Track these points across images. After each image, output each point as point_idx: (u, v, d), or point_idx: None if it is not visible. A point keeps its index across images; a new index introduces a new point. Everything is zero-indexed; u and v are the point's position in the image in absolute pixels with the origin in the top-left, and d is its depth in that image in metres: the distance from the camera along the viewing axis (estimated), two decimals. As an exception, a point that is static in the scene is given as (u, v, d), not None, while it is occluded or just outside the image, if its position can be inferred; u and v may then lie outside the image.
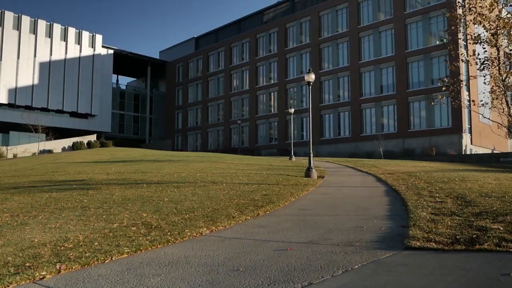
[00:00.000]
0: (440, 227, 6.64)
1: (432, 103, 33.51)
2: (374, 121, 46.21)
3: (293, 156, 34.95)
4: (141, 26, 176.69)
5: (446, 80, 13.47)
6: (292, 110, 38.74)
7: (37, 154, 47.98)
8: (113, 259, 5.58)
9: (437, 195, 10.80)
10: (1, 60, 52.28)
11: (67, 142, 53.48)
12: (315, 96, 46.87)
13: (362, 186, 15.17)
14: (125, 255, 5.74)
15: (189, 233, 7.02)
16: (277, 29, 56.71)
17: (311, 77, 19.80)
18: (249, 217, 8.70)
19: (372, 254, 5.42)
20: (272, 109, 56.12)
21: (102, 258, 5.53)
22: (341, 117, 49.14)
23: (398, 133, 43.81)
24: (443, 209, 8.44)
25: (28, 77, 54.54)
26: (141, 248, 6.07)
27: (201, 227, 7.53)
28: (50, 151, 49.70)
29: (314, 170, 18.57)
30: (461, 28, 12.42)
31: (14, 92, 53.14)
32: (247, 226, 7.83)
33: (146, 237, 6.77)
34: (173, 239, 6.61)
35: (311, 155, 19.31)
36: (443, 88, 12.77)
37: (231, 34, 64.31)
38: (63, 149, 52.23)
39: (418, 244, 5.71)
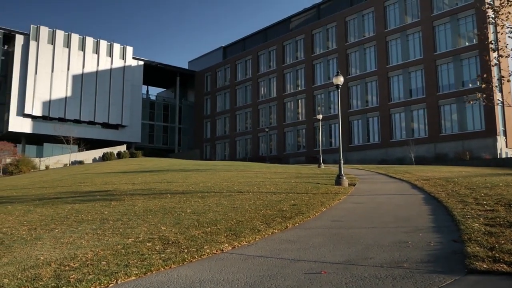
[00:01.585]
0: (503, 241, 5.63)
1: (471, 102, 31.86)
2: (404, 126, 44.67)
3: (322, 164, 33.97)
4: (170, 37, 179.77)
5: (486, 75, 12.44)
6: (320, 117, 37.75)
7: (68, 165, 48.69)
8: (118, 282, 4.90)
9: (484, 202, 9.72)
10: (36, 74, 53.66)
11: (98, 153, 54.13)
12: (343, 102, 45.73)
13: (397, 193, 14.11)
14: (133, 278, 5.04)
15: (208, 250, 6.27)
16: (303, 36, 56.02)
17: (340, 79, 18.91)
18: (276, 231, 7.88)
19: (429, 281, 4.47)
20: (300, 116, 55.21)
21: (106, 281, 4.86)
22: (370, 122, 47.76)
23: (429, 137, 42.11)
24: (498, 219, 7.40)
25: (61, 89, 55.72)
26: (152, 268, 5.37)
27: (223, 243, 6.76)
28: (81, 162, 50.37)
29: (344, 178, 17.59)
30: (499, 21, 11.46)
31: (48, 104, 54.34)
32: (273, 242, 7.00)
33: (160, 254, 6.07)
34: (189, 258, 5.87)
35: (341, 161, 18.30)
36: (483, 85, 11.76)
37: (258, 42, 64.01)
38: (94, 160, 52.89)
39: (484, 266, 4.70)
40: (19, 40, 53.77)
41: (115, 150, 55.15)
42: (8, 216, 12.57)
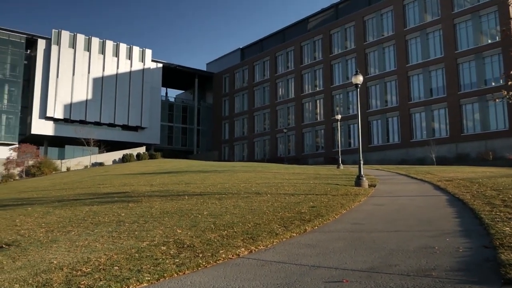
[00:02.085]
0: (539, 248, 5.24)
1: (497, 100, 30.88)
2: (425, 125, 43.73)
3: (341, 164, 33.49)
4: (189, 39, 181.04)
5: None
6: (339, 117, 37.23)
7: (89, 167, 49.30)
8: (129, 289, 4.71)
9: (513, 204, 9.22)
10: (58, 77, 54.56)
11: (118, 154, 54.67)
12: (362, 102, 44.85)
13: (420, 195, 13.66)
14: (145, 284, 4.85)
15: (224, 255, 6.03)
16: (321, 36, 55.50)
17: (359, 78, 18.45)
18: (295, 234, 7.59)
19: (462, 293, 4.08)
20: (318, 117, 54.68)
21: (117, 288, 4.68)
22: (390, 122, 46.93)
23: (450, 137, 41.11)
24: (530, 223, 6.95)
25: (82, 92, 56.54)
26: (165, 274, 5.16)
27: (239, 247, 6.52)
28: (101, 164, 50.94)
29: (364, 179, 17.14)
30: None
31: (69, 107, 55.18)
32: (292, 246, 6.72)
33: (174, 259, 5.87)
34: (204, 263, 5.65)
35: (361, 162, 17.83)
36: (509, 83, 11.25)
37: (275, 43, 63.73)
38: (114, 162, 53.42)
39: (524, 276, 4.27)
40: (41, 44, 54.77)
41: (134, 151, 55.64)
42: (28, 218, 12.65)
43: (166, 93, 77.70)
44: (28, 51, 56.43)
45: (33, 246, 7.81)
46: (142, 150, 57.07)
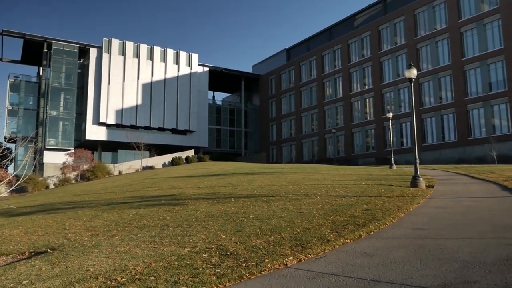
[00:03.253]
0: None
1: None
2: (484, 122, 40.91)
3: (394, 165, 31.96)
4: (234, 42, 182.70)
5: None
6: (391, 115, 35.61)
7: (140, 170, 50.46)
8: (163, 304, 4.23)
9: None
10: (109, 84, 56.43)
11: (167, 158, 55.64)
12: (414, 99, 42.74)
13: (486, 196, 12.42)
14: (180, 299, 4.37)
15: (269, 264, 5.43)
16: (369, 32, 53.72)
17: (413, 72, 17.30)
18: (349, 240, 6.86)
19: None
20: (368, 116, 52.91)
21: (149, 303, 4.22)
22: (445, 120, 44.43)
23: (513, 134, 38.20)
24: None
25: (132, 98, 58.13)
26: (204, 287, 4.65)
27: (287, 255, 5.90)
28: (151, 167, 52.02)
29: (421, 179, 15.97)
30: None
31: (120, 113, 56.90)
32: (346, 254, 6.00)
33: (215, 269, 5.35)
34: (247, 274, 5.08)
35: (417, 161, 16.64)
36: None
37: (322, 42, 62.51)
38: (164, 165, 54.40)
39: None
40: (93, 53, 56.89)
41: (183, 155, 56.42)
42: (77, 221, 12.72)
43: (213, 97, 78.49)
44: (81, 60, 58.80)
45: (75, 251, 7.62)
46: (190, 153, 57.78)
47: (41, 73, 61.07)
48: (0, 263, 7.91)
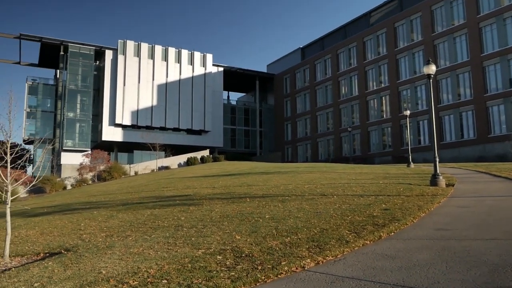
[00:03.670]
0: None
1: None
2: (504, 119, 39.88)
3: (411, 163, 31.36)
4: (249, 42, 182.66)
5: None
6: (408, 112, 34.97)
7: (155, 170, 50.69)
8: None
9: None
10: (124, 85, 56.85)
11: (183, 158, 55.82)
12: (432, 96, 42.00)
13: (510, 195, 12.00)
14: (193, 304, 4.18)
15: (286, 267, 5.20)
16: (385, 29, 52.98)
17: (432, 68, 16.86)
18: (368, 242, 6.59)
19: None
20: (384, 114, 52.20)
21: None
22: (463, 117, 43.51)
23: (535, 131, 37.14)
24: None
25: (147, 99, 58.47)
26: (217, 291, 4.47)
27: (304, 257, 5.66)
28: (167, 167, 52.22)
29: (441, 177, 15.55)
30: None
31: (136, 114, 57.29)
32: (366, 256, 5.74)
33: (229, 272, 5.15)
34: (263, 277, 4.87)
35: (437, 159, 16.23)
36: None
37: (337, 40, 61.93)
38: (179, 165, 54.57)
39: None
40: (108, 55, 57.35)
41: (198, 155, 56.54)
42: (92, 222, 12.70)
43: (228, 97, 78.51)
44: (97, 62, 59.36)
45: (88, 253, 7.53)
46: (206, 153, 57.86)
47: (58, 76, 61.92)
48: (15, 264, 7.88)
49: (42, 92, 60.85)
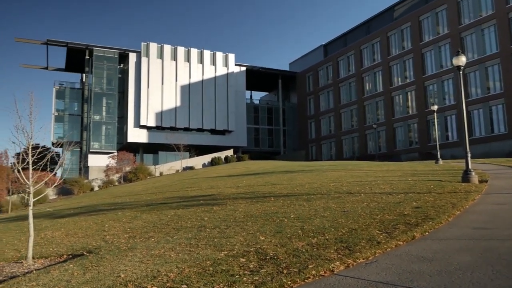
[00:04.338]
0: None
1: None
2: (537, 112, 38.21)
3: (440, 159, 30.38)
4: (270, 40, 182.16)
5: None
6: (436, 107, 33.88)
7: (180, 171, 50.94)
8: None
9: None
10: (148, 87, 57.38)
11: (207, 158, 55.93)
12: (460, 90, 40.68)
13: (552, 191, 11.28)
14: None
15: (314, 271, 4.84)
16: (409, 23, 51.66)
17: (461, 60, 16.12)
18: (401, 242, 6.17)
19: None
20: (410, 110, 50.91)
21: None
22: (493, 111, 41.93)
23: None
24: None
25: (171, 100, 58.85)
26: (240, 298, 4.16)
27: (333, 260, 5.29)
28: (191, 168, 52.41)
29: (473, 173, 14.87)
30: None
31: (160, 115, 57.76)
32: (400, 259, 5.31)
33: (253, 276, 4.83)
34: (289, 282, 4.52)
35: (469, 155, 15.54)
36: None
37: (360, 36, 60.84)
38: (203, 165, 54.70)
39: None
40: (132, 57, 58.01)
41: (222, 155, 56.56)
42: (116, 223, 12.66)
43: (251, 96, 78.32)
44: (121, 65, 60.12)
45: (110, 255, 7.38)
46: (229, 153, 57.84)
47: (84, 80, 63.05)
48: (38, 266, 7.82)
49: (69, 96, 62.08)
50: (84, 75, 62.41)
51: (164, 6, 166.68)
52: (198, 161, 54.92)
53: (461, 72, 16.48)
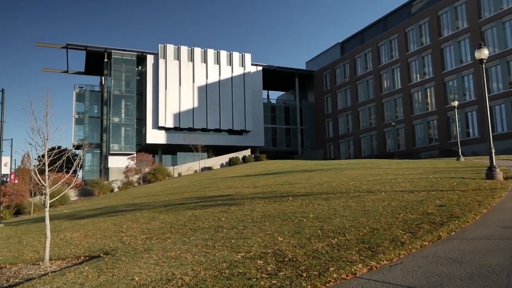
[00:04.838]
0: None
1: None
2: (560, 107, 36.95)
3: (461, 156, 29.64)
4: (287, 39, 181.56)
5: None
6: (456, 103, 33.09)
7: (198, 171, 51.05)
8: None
9: None
10: (166, 89, 57.74)
11: (225, 158, 55.96)
12: (481, 85, 39.64)
13: None
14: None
15: (335, 274, 4.60)
16: (428, 19, 50.64)
17: (484, 53, 15.57)
18: (427, 243, 5.87)
19: None
20: (430, 107, 49.90)
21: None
22: (516, 106, 40.76)
23: None
24: None
25: (188, 101, 59.09)
26: (257, 304, 3.96)
27: (355, 262, 5.03)
28: (209, 168, 52.47)
29: (498, 170, 14.36)
30: None
31: (178, 116, 58.06)
32: (426, 260, 5.02)
33: (271, 279, 4.61)
34: (309, 286, 4.28)
35: (493, 151, 15.01)
36: None
37: (377, 33, 59.99)
38: (221, 165, 54.73)
39: None
40: (149, 59, 58.46)
41: (240, 155, 56.50)
42: (134, 224, 12.61)
43: (268, 96, 78.10)
44: (139, 67, 60.63)
45: (125, 256, 7.27)
46: (247, 153, 57.73)
47: (103, 82, 63.83)
48: (54, 268, 7.77)
49: (88, 98, 62.93)
50: (103, 78, 63.19)
51: (180, 7, 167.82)
52: (216, 162, 54.97)
53: (483, 65, 15.95)
